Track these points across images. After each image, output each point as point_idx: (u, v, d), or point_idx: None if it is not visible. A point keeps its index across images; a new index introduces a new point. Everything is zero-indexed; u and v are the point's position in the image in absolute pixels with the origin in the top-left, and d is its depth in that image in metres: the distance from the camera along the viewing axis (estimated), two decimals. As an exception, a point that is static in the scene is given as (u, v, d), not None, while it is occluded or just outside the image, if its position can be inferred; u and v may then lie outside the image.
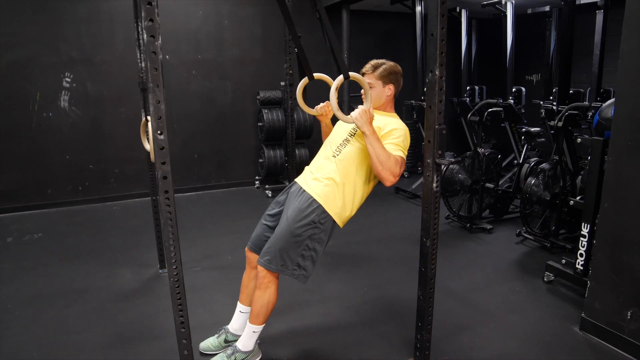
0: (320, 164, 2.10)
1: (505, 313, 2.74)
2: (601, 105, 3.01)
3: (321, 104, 2.18)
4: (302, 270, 2.02)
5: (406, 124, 2.14)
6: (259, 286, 2.06)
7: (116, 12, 4.70)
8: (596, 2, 4.27)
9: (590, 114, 3.78)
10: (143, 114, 3.07)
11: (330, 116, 2.21)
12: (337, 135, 2.14)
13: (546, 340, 2.45)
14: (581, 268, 2.79)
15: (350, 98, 5.44)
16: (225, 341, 2.31)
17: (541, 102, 4.77)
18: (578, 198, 3.29)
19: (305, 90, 2.12)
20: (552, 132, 4.43)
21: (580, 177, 3.58)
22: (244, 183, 5.78)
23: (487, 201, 4.28)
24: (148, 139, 2.33)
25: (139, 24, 2.98)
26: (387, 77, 2.11)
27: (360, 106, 1.94)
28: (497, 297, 2.93)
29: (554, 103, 4.38)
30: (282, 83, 5.04)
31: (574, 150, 3.63)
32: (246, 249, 2.29)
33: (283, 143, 5.52)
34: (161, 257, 3.32)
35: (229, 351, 2.16)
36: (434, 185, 1.94)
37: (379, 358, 2.31)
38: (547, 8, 4.82)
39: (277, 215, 2.15)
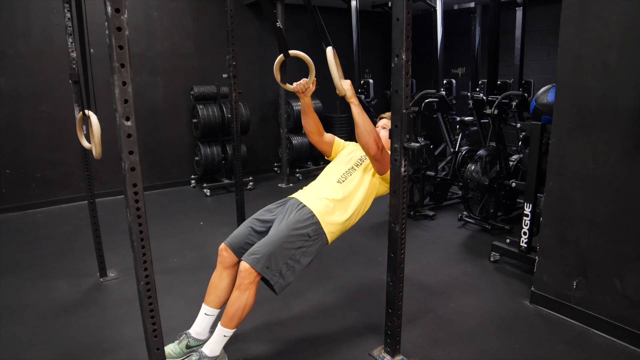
0: (323, 187, 2.20)
1: (461, 293, 2.85)
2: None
3: (299, 81, 2.24)
4: (281, 278, 1.99)
5: None
6: (239, 286, 1.96)
7: (32, 0, 4.24)
8: (516, 0, 4.61)
9: (514, 103, 4.07)
10: (77, 109, 2.79)
11: (309, 94, 2.27)
12: (343, 163, 2.30)
13: (502, 316, 2.58)
14: (525, 245, 2.98)
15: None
16: (187, 347, 2.16)
17: (469, 94, 5.06)
18: (511, 181, 3.51)
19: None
20: (484, 120, 4.74)
21: (511, 161, 3.83)
22: (180, 183, 5.50)
23: (428, 189, 4.44)
24: (92, 133, 2.12)
25: (66, 7, 2.71)
26: None
27: (347, 80, 2.13)
28: (450, 279, 3.04)
29: (481, 94, 4.67)
30: (225, 75, 4.84)
31: (503, 137, 3.88)
32: (223, 246, 2.16)
33: (219, 139, 5.32)
34: (101, 265, 3.05)
35: (194, 357, 2.02)
36: (402, 169, 1.96)
37: (348, 350, 2.28)
38: (472, 4, 5.09)
39: (267, 223, 2.16)
